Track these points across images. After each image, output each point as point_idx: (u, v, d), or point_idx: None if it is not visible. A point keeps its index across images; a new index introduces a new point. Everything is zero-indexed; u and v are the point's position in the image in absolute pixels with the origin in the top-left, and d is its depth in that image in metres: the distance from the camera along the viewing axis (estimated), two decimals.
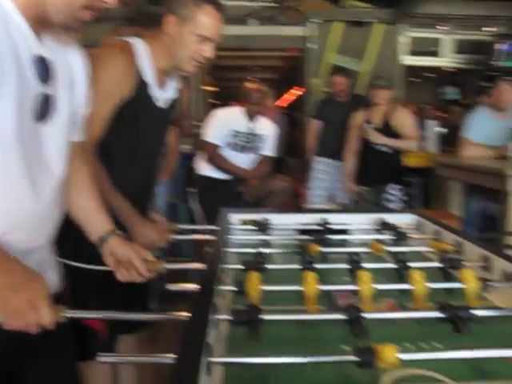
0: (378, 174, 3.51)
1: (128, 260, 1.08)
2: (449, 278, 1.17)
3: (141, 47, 1.39)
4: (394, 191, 3.51)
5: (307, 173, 4.18)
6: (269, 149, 3.31)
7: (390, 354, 0.72)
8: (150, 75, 1.40)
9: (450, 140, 4.26)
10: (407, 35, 5.32)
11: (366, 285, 1.04)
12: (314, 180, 4.07)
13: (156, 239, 1.41)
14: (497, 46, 5.17)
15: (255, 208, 2.85)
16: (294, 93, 8.36)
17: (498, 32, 5.24)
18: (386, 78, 3.65)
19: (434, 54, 5.60)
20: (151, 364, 0.76)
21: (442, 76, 7.27)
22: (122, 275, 1.08)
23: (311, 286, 1.02)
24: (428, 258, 1.41)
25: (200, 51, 1.39)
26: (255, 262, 1.14)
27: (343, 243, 1.56)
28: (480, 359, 0.79)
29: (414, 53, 5.47)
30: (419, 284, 1.05)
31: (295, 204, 4.36)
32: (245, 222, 1.66)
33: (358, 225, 1.71)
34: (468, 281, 1.06)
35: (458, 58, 5.56)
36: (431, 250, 1.39)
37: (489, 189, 2.77)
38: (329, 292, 1.08)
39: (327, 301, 1.08)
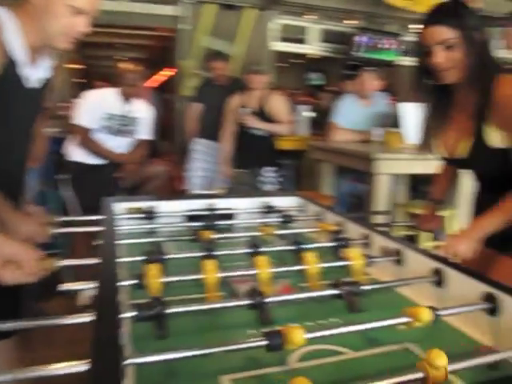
0: (253, 157, 3.62)
1: (15, 259, 0.96)
2: (338, 256, 1.25)
3: (6, 19, 1.22)
4: (268, 174, 3.65)
5: (184, 156, 4.14)
6: (145, 132, 3.20)
7: (298, 334, 0.75)
8: (19, 51, 1.24)
9: (319, 124, 4.55)
10: (277, 22, 5.49)
11: (264, 269, 1.07)
12: (193, 162, 4.05)
13: (35, 234, 1.27)
14: (356, 38, 5.61)
15: (133, 194, 2.75)
16: (165, 74, 8.17)
17: (358, 25, 5.68)
18: (257, 63, 3.76)
19: (302, 41, 5.89)
20: None
21: (308, 62, 7.71)
22: (9, 277, 0.96)
23: (211, 273, 1.02)
24: (315, 238, 1.49)
25: (73, 25, 1.23)
26: (152, 253, 1.10)
27: (234, 228, 1.58)
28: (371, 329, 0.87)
29: (283, 39, 5.69)
30: (312, 264, 1.11)
31: (173, 188, 4.31)
32: (130, 211, 1.59)
33: (245, 209, 1.74)
34: (355, 258, 1.15)
35: (323, 47, 5.91)
36: (318, 230, 1.47)
37: (357, 170, 3.03)
38: (228, 278, 1.09)
39: (227, 287, 1.08)
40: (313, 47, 5.92)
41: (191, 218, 1.59)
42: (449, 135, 1.51)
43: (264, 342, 0.74)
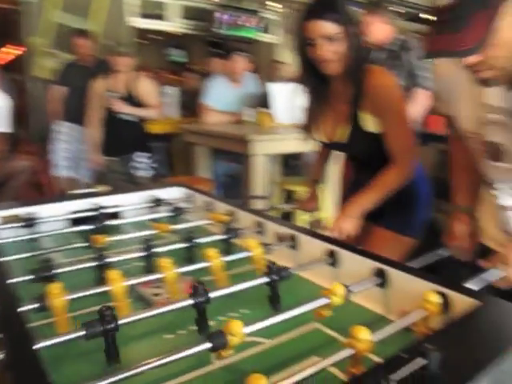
0: (123, 144, 3.49)
1: None
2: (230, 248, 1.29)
3: None
4: (141, 159, 3.56)
5: (45, 144, 3.83)
6: (1, 124, 2.88)
7: (238, 330, 0.76)
8: None
9: (188, 106, 4.51)
10: None
11: (168, 271, 1.06)
12: (57, 143, 3.77)
13: None
14: (217, 15, 5.62)
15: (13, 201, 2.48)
16: (10, 51, 7.32)
17: (218, 2, 5.68)
18: (115, 40, 3.59)
19: (161, 17, 5.72)
20: None
21: (168, 38, 7.52)
22: None
23: (117, 283, 0.98)
24: (208, 230, 1.51)
25: None
26: (44, 269, 1.02)
27: (125, 227, 1.53)
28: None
29: (142, 15, 5.47)
30: (215, 259, 1.12)
31: (39, 183, 3.96)
32: (6, 220, 1.44)
33: (132, 204, 1.69)
34: (253, 248, 1.19)
35: (184, 23, 5.82)
36: (211, 222, 1.49)
37: (232, 151, 3.09)
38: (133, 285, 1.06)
39: (133, 292, 1.05)
40: (173, 24, 5.80)
41: (76, 222, 1.50)
42: (328, 121, 1.63)
43: (208, 345, 0.73)
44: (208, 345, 0.73)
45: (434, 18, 0.88)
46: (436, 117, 3.30)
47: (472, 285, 1.02)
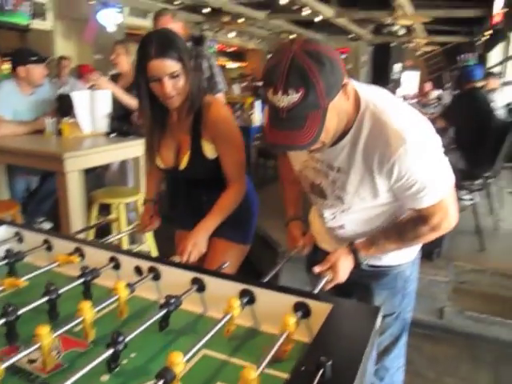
0: None
1: None
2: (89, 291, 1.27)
3: None
4: None
5: None
6: None
7: (179, 361, 0.84)
8: None
9: None
10: None
11: (45, 340, 0.99)
12: None
13: None
14: None
15: None
16: None
17: None
18: None
19: None
20: None
21: None
22: None
23: None
24: (61, 274, 1.41)
25: None
26: None
27: None
28: None
29: None
30: (89, 313, 1.09)
31: None
32: None
33: None
34: (120, 290, 1.19)
35: None
36: (58, 264, 1.40)
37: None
38: None
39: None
40: None
41: None
42: (170, 149, 1.70)
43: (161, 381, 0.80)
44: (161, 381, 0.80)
45: (272, 112, 1.05)
46: None
47: (314, 290, 1.24)
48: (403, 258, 1.45)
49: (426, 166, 1.16)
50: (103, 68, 8.55)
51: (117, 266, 1.38)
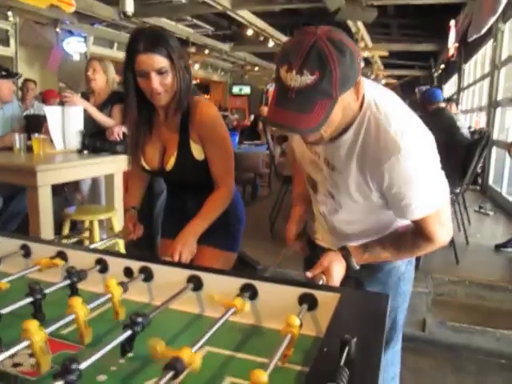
0: None
1: None
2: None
3: None
4: None
5: None
6: None
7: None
8: None
9: None
10: None
11: (36, 336, 0.91)
12: None
13: None
14: None
15: None
16: None
17: None
18: None
19: None
20: None
21: None
22: None
23: None
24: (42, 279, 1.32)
25: None
26: None
27: None
28: None
29: None
30: (82, 309, 1.01)
31: None
32: None
33: None
34: (113, 288, 1.12)
35: None
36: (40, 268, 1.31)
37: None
38: None
39: None
40: None
41: None
42: (156, 150, 1.65)
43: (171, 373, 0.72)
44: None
45: (280, 90, 1.01)
46: None
47: None
48: None
49: (418, 180, 1.13)
50: None
51: (104, 269, 1.31)
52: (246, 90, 15.63)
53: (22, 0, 5.24)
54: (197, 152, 1.60)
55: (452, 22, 7.92)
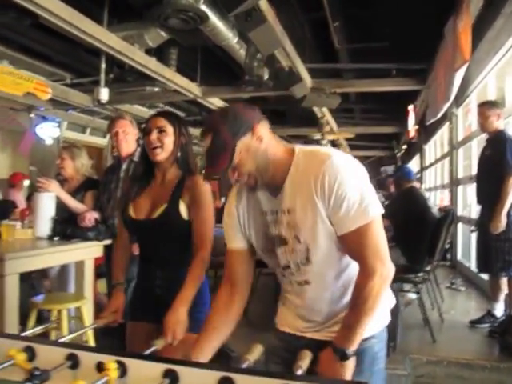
0: None
1: None
2: None
3: None
4: None
5: None
6: None
7: None
8: None
9: None
10: None
11: None
12: None
13: None
14: None
15: None
16: None
17: None
18: None
19: None
20: None
21: None
22: None
23: None
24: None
25: None
26: None
27: None
28: None
29: None
30: None
31: None
32: None
33: None
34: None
35: None
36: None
37: None
38: None
39: None
40: None
41: None
42: (144, 201, 1.87)
43: None
44: None
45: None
46: None
47: None
48: (369, 330, 1.39)
49: (354, 178, 1.28)
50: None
51: (75, 365, 1.25)
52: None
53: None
54: (183, 211, 1.82)
55: (410, 107, 8.47)
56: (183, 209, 1.81)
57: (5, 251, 2.47)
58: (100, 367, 1.20)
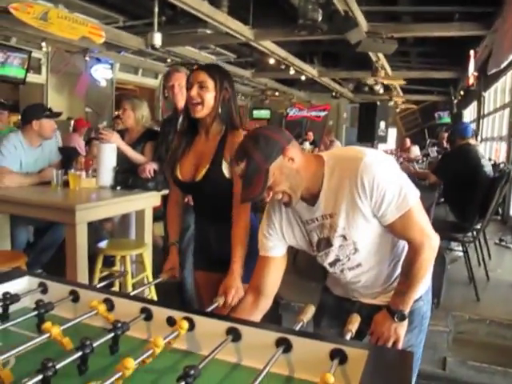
0: None
1: None
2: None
3: None
4: None
5: None
6: None
7: None
8: None
9: None
10: None
11: None
12: None
13: None
14: None
15: None
16: None
17: None
18: None
19: None
20: None
21: None
22: None
23: None
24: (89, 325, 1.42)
25: None
26: None
27: None
28: None
29: None
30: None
31: None
32: None
33: None
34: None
35: None
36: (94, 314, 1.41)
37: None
38: None
39: None
40: None
41: None
42: (189, 163, 1.88)
43: None
44: None
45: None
46: None
47: None
48: (418, 292, 1.53)
49: (389, 173, 1.36)
50: (94, 120, 8.74)
51: (149, 317, 1.41)
52: (266, 114, 15.87)
53: (57, 33, 5.50)
54: (226, 170, 1.81)
55: (471, 52, 7.98)
56: (227, 168, 1.81)
57: (74, 202, 2.69)
58: (171, 321, 1.36)
